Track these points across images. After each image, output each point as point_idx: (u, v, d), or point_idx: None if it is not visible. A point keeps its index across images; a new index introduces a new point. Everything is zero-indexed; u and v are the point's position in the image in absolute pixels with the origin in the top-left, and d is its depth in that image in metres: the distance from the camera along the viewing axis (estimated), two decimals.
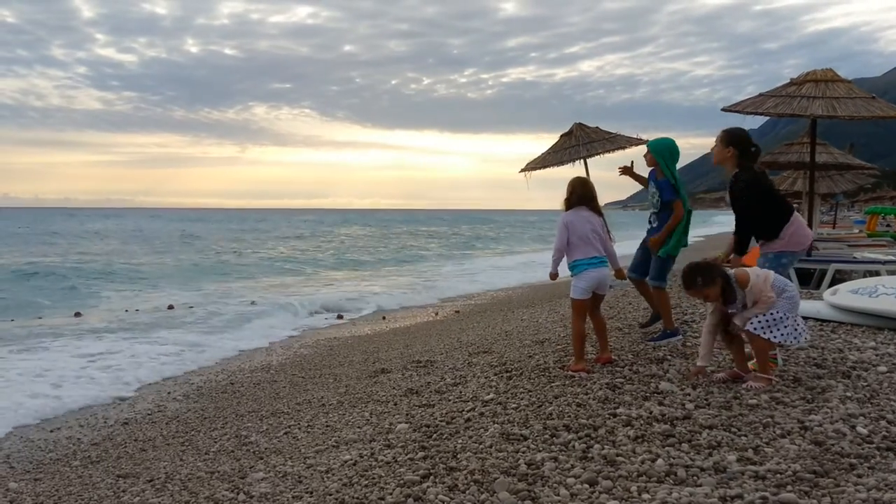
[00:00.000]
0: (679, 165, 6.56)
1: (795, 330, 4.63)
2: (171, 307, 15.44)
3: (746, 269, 4.81)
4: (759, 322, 4.59)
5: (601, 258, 5.61)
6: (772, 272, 4.77)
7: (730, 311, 4.73)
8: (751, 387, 4.53)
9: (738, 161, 5.27)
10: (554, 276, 5.83)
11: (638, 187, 7.43)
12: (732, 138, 5.34)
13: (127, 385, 8.29)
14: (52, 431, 6.58)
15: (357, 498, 3.54)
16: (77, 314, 14.65)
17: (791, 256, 5.26)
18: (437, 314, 13.63)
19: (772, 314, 4.58)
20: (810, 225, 11.45)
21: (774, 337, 4.59)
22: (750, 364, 4.85)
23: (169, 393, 7.91)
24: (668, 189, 6.28)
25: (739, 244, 5.28)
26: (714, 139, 5.47)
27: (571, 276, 5.67)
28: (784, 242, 5.17)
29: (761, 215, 5.20)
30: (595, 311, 5.73)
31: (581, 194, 5.72)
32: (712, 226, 61.11)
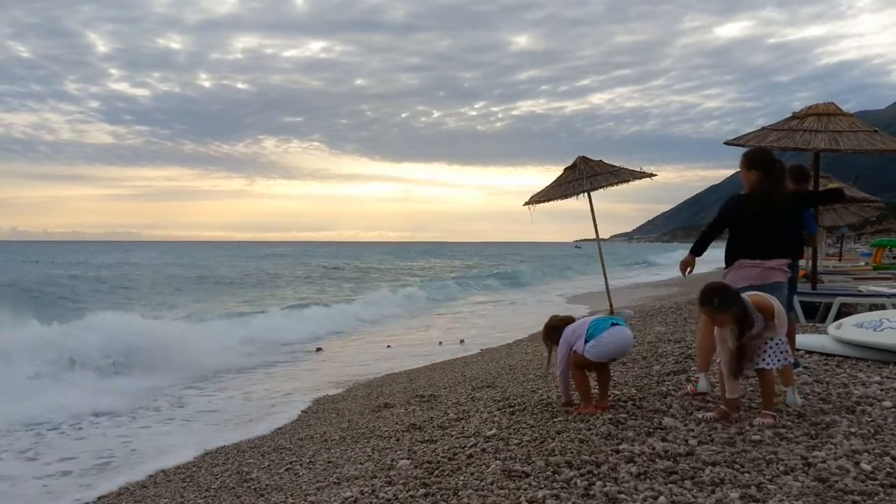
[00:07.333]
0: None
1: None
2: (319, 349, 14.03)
3: (762, 294, 4.72)
4: (778, 353, 4.61)
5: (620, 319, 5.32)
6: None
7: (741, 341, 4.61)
8: (758, 422, 4.49)
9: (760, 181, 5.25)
10: (569, 403, 5.48)
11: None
12: (752, 161, 5.33)
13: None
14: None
15: None
16: None
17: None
18: None
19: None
20: (814, 258, 11.44)
21: (788, 358, 4.73)
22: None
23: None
24: (812, 220, 6.02)
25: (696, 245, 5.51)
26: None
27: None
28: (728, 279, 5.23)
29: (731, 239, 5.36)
30: (603, 366, 5.32)
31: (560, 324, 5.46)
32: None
